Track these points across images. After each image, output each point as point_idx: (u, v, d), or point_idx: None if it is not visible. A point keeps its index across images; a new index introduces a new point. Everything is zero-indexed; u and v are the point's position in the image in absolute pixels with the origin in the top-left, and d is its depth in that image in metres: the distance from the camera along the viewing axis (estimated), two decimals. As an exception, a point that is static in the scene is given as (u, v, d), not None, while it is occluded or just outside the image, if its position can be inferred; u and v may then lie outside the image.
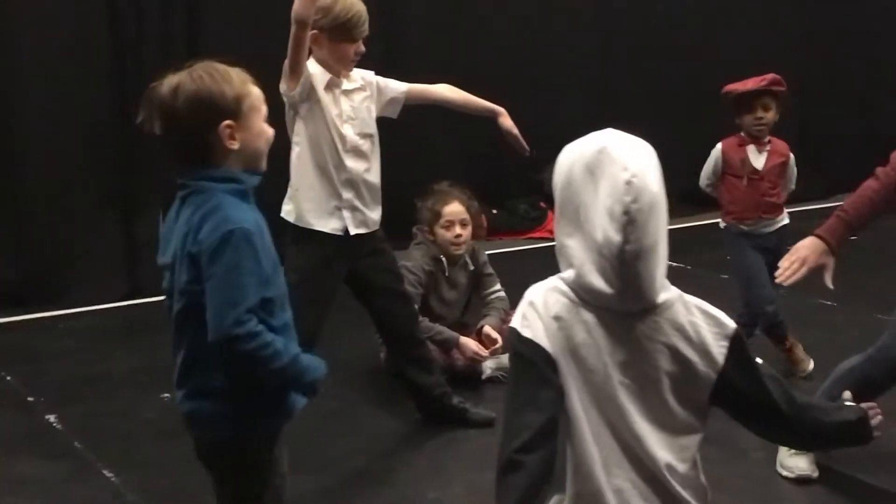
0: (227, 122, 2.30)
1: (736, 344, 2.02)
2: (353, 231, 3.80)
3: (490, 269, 4.79)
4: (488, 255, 5.00)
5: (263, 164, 2.41)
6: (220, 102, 2.29)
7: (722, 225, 4.76)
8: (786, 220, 4.68)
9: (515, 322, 2.01)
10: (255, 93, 2.37)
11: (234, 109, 2.30)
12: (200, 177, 2.32)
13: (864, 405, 2.19)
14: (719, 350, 2.00)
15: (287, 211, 3.81)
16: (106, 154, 6.13)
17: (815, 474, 3.62)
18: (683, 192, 8.04)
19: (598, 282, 1.93)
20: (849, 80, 8.97)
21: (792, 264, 3.19)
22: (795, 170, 4.71)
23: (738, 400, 2.05)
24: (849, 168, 8.81)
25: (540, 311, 1.99)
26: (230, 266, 2.23)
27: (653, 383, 1.99)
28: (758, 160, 4.57)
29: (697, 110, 8.20)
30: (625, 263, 1.90)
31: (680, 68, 8.26)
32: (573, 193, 1.97)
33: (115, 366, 4.89)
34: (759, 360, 2.09)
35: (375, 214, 3.87)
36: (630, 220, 1.89)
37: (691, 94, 8.24)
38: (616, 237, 1.89)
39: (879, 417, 2.19)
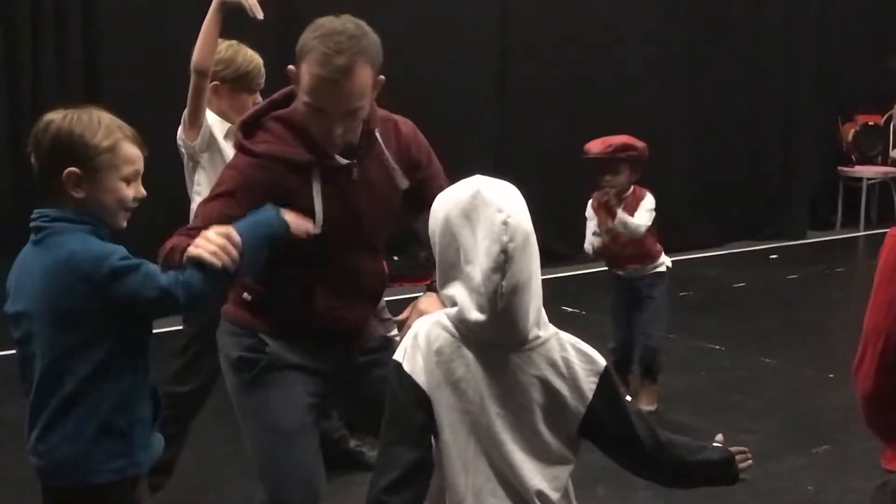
0: (73, 168, 2.29)
1: (605, 380, 2.12)
2: (254, 280, 3.84)
3: (387, 314, 4.82)
4: (388, 300, 5.06)
5: (117, 222, 2.39)
6: (75, 147, 2.28)
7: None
8: (660, 268, 4.80)
9: (399, 355, 2.09)
10: (121, 151, 2.33)
11: (85, 158, 2.29)
12: (57, 218, 2.32)
13: (733, 448, 2.30)
14: (589, 385, 2.11)
15: (188, 260, 3.83)
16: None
17: None
18: (579, 239, 8.26)
19: (477, 317, 2.03)
20: (736, 130, 9.29)
21: None
22: (645, 214, 4.65)
23: (604, 434, 2.16)
24: (739, 216, 9.22)
25: (422, 345, 2.08)
26: (128, 268, 2.26)
27: (526, 414, 2.08)
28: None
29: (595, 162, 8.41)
30: (502, 298, 2.00)
31: (572, 119, 8.45)
32: (452, 238, 2.07)
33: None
34: (627, 398, 2.20)
35: (273, 263, 3.91)
36: (507, 258, 2.00)
37: (591, 140, 8.41)
38: (494, 275, 2.00)
39: (749, 462, 2.29)
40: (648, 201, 4.67)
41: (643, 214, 4.64)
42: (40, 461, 2.39)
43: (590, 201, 4.82)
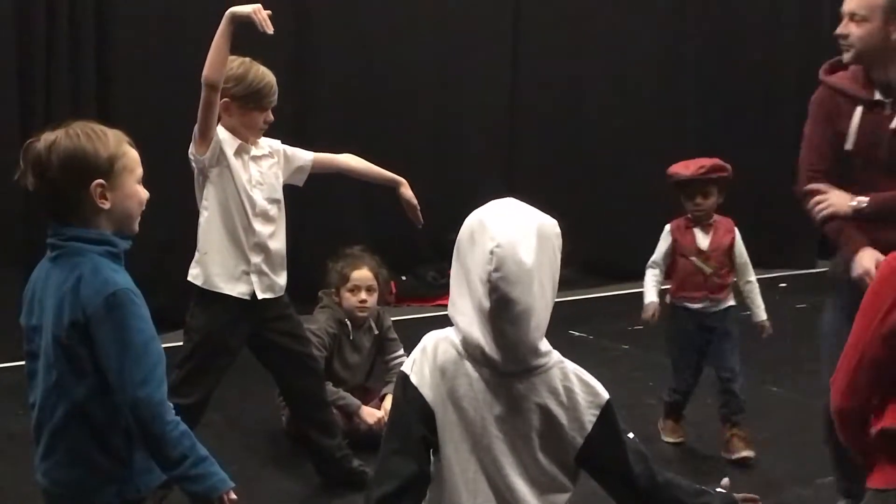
0: (99, 181, 2.31)
1: (606, 413, 2.12)
2: (260, 295, 3.84)
3: (394, 334, 4.85)
4: (395, 320, 5.07)
5: (135, 227, 2.43)
6: (92, 161, 2.31)
7: (668, 300, 4.73)
8: (731, 303, 4.67)
9: (406, 366, 2.11)
10: (131, 154, 2.39)
11: (106, 169, 2.32)
12: (72, 237, 2.33)
13: (739, 495, 2.28)
14: (589, 417, 2.10)
15: (194, 275, 3.83)
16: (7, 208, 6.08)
17: None
18: (588, 264, 8.28)
19: (481, 341, 2.03)
20: (746, 158, 9.28)
21: None
22: (743, 247, 4.70)
23: (600, 467, 2.15)
24: (748, 244, 9.18)
25: (429, 358, 2.09)
26: (121, 328, 2.26)
27: (525, 440, 2.08)
28: (704, 241, 4.59)
29: (607, 181, 8.39)
30: (497, 327, 2.01)
31: (581, 150, 8.45)
32: (461, 257, 2.09)
33: (12, 424, 4.82)
34: (630, 435, 2.18)
35: (282, 280, 3.92)
36: (493, 288, 1.99)
37: (600, 166, 8.44)
38: (485, 302, 2.00)
39: None
40: (739, 239, 4.68)
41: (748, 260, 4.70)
42: (44, 481, 2.41)
43: (668, 225, 4.68)
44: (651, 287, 4.67)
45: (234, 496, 2.35)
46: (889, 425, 2.22)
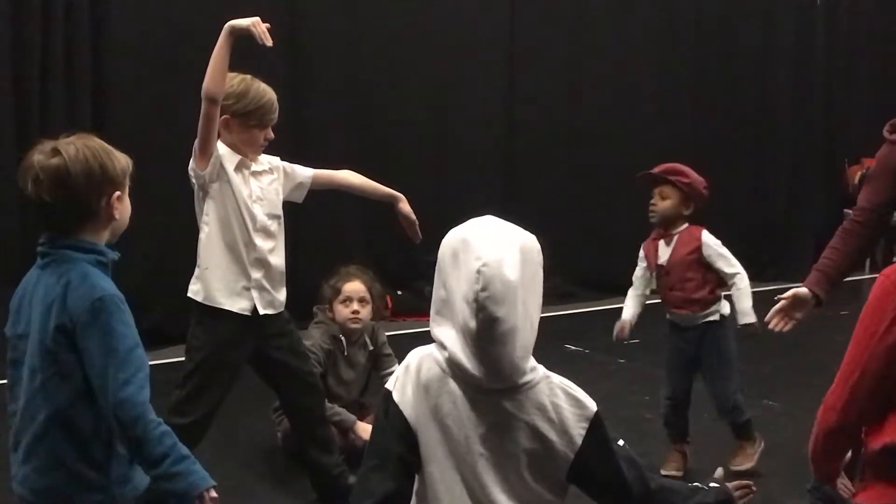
0: (118, 192, 2.39)
1: (595, 425, 2.11)
2: (261, 311, 3.82)
3: (389, 350, 4.85)
4: (392, 335, 5.07)
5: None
6: (111, 172, 2.38)
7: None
8: (713, 317, 4.49)
9: (390, 383, 2.11)
10: (129, 169, 2.47)
11: (120, 180, 2.41)
12: (63, 246, 2.37)
13: (733, 483, 2.28)
14: (578, 431, 2.09)
15: (194, 291, 3.81)
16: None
17: None
18: (583, 278, 8.29)
19: (464, 360, 2.03)
20: (742, 171, 9.30)
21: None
22: (719, 252, 4.48)
23: (593, 480, 2.14)
24: (743, 257, 9.21)
25: (412, 376, 2.09)
26: (107, 332, 2.29)
27: (512, 458, 2.07)
28: (664, 254, 4.46)
29: (602, 195, 8.41)
30: (482, 347, 2.00)
31: (586, 154, 8.48)
32: (444, 277, 2.08)
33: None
34: (620, 443, 2.18)
35: (281, 295, 3.91)
36: (480, 308, 1.98)
37: (596, 181, 8.46)
38: (471, 322, 1.99)
39: (751, 497, 2.28)
40: (708, 246, 4.43)
41: (727, 261, 4.46)
42: (21, 488, 2.42)
43: (643, 244, 4.58)
44: (626, 302, 4.64)
45: (214, 494, 2.35)
46: (891, 441, 2.20)
